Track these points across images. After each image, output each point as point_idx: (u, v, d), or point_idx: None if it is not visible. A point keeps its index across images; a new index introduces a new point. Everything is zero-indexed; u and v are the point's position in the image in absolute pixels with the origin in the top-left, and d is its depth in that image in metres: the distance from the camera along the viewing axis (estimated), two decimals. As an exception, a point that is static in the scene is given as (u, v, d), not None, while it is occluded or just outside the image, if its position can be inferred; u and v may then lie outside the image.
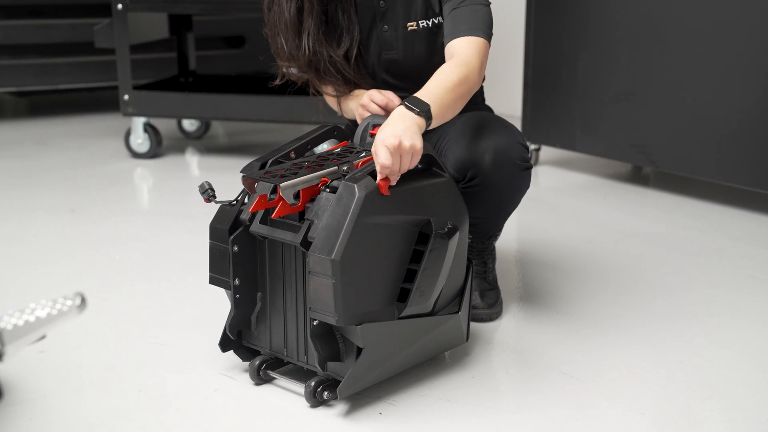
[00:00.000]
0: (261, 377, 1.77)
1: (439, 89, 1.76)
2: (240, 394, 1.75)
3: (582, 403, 1.74)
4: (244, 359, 1.83)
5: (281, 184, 1.59)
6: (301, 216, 1.65)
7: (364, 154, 1.75)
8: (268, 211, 1.69)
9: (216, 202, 1.72)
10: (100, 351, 1.94)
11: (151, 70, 4.32)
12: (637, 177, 3.46)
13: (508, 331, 2.07)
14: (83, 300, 0.99)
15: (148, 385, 1.79)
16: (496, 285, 2.17)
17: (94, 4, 4.31)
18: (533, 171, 3.50)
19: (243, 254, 1.72)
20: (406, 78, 2.02)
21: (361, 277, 1.61)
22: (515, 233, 2.78)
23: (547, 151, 3.70)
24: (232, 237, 1.70)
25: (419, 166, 1.75)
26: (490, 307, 2.10)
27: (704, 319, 2.14)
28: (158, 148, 3.66)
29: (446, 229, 1.73)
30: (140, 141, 3.63)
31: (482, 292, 2.12)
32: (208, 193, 1.71)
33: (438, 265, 1.72)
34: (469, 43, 1.87)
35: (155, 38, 3.90)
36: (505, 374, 1.88)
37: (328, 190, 1.64)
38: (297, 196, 1.63)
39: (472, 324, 2.07)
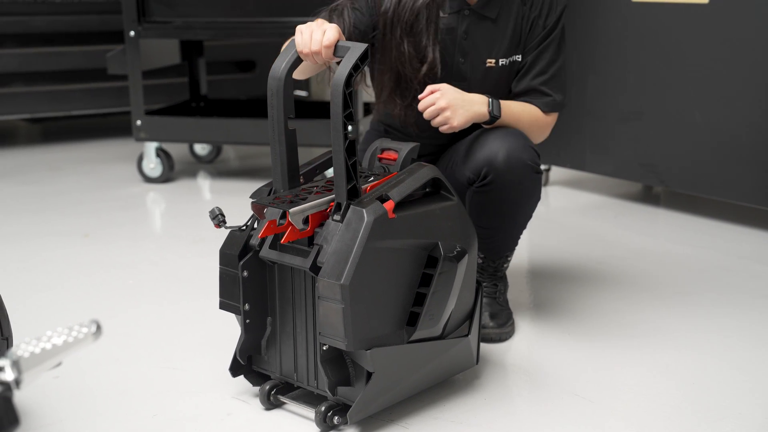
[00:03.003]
0: (271, 402, 1.78)
1: (517, 111, 1.95)
2: (251, 419, 1.75)
3: (595, 424, 1.74)
4: (254, 384, 1.83)
5: (290, 210, 1.60)
6: (311, 241, 1.65)
7: (372, 178, 1.76)
8: (277, 236, 1.70)
9: (226, 228, 1.73)
10: (114, 375, 1.95)
11: (163, 96, 4.36)
12: (648, 196, 3.46)
13: (519, 352, 2.07)
14: (99, 327, 1.00)
15: (162, 409, 1.79)
16: (507, 306, 2.17)
17: (106, 31, 4.36)
18: (544, 192, 3.51)
19: (253, 279, 1.73)
20: None
21: (371, 301, 1.61)
22: (526, 253, 2.78)
23: (557, 172, 3.70)
24: (241, 262, 1.71)
25: (428, 189, 1.76)
26: (501, 327, 2.10)
27: (717, 340, 2.13)
28: (170, 172, 3.68)
29: (455, 253, 1.73)
30: (152, 165, 3.66)
31: (493, 313, 2.12)
32: (218, 218, 1.72)
33: (447, 289, 1.72)
34: (550, 110, 2.08)
35: (167, 64, 3.94)
36: (517, 396, 1.88)
37: (336, 216, 1.64)
38: (306, 221, 1.63)
39: (484, 345, 2.08)
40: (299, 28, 1.70)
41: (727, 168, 2.94)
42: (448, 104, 1.87)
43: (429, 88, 1.91)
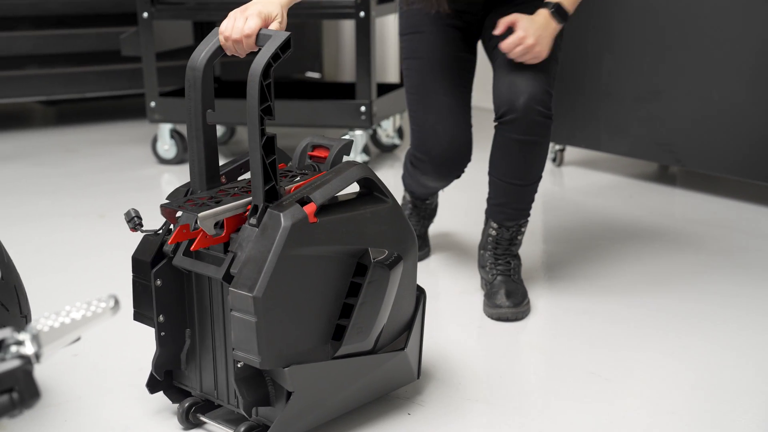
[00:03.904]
0: (190, 421, 1.64)
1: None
2: None
3: (611, 403, 1.74)
4: (173, 401, 1.69)
5: (199, 214, 1.45)
6: (227, 247, 1.52)
7: (299, 178, 1.61)
8: (192, 243, 1.54)
9: (141, 231, 1.57)
10: (132, 353, 1.96)
11: (176, 77, 4.36)
12: (664, 176, 3.44)
13: (535, 331, 2.07)
14: (117, 302, 1.01)
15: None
16: (521, 284, 2.17)
17: (120, 13, 4.36)
18: (558, 172, 3.49)
19: (167, 288, 1.59)
20: None
21: (289, 314, 1.47)
22: (541, 233, 2.77)
23: (572, 152, 3.69)
24: (154, 270, 1.57)
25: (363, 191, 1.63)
26: (517, 306, 2.10)
27: (734, 319, 2.13)
28: (184, 153, 3.69)
29: (389, 260, 1.59)
30: (167, 147, 3.67)
31: (508, 291, 2.12)
32: (134, 221, 1.57)
33: (378, 299, 1.57)
34: None
35: (180, 45, 3.94)
36: (533, 374, 1.88)
37: (252, 220, 1.49)
38: (220, 225, 1.50)
39: (500, 324, 2.08)
40: (231, 13, 1.60)
41: (744, 146, 2.92)
42: (536, 40, 1.94)
43: (504, 23, 1.97)
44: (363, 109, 3.36)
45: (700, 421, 1.67)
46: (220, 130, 4.07)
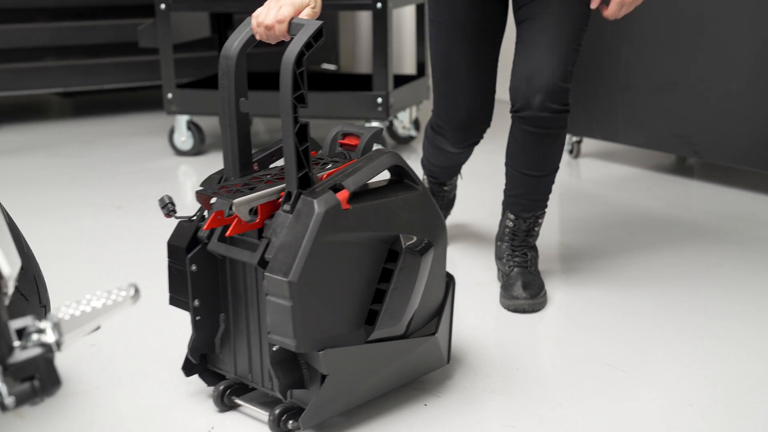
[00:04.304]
0: (225, 404, 1.67)
1: None
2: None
3: (628, 394, 1.73)
4: (208, 384, 1.72)
5: (234, 201, 1.48)
6: (261, 233, 1.54)
7: (330, 165, 1.64)
8: (226, 228, 1.58)
9: (176, 218, 1.61)
10: (148, 343, 1.97)
11: (193, 69, 4.37)
12: (682, 168, 3.42)
13: (552, 323, 2.07)
14: (137, 291, 1.01)
15: (195, 377, 1.81)
16: (539, 275, 2.17)
17: (137, 4, 4.37)
18: (576, 164, 3.48)
19: (202, 273, 1.61)
20: None
21: (323, 299, 1.50)
22: (558, 225, 2.77)
23: (589, 143, 3.67)
24: (189, 255, 1.59)
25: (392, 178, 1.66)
26: (534, 297, 2.10)
27: (751, 312, 2.11)
28: (201, 145, 3.70)
29: (420, 246, 1.61)
30: (184, 139, 3.68)
31: (525, 283, 2.11)
32: (167, 207, 1.59)
33: (410, 285, 1.59)
34: None
35: (197, 37, 3.94)
36: (549, 366, 1.87)
37: (286, 206, 1.52)
38: (254, 212, 1.53)
39: (516, 316, 2.07)
40: (266, 2, 1.63)
41: (762, 138, 2.90)
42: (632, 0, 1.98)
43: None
44: (379, 100, 3.36)
45: (715, 413, 1.66)
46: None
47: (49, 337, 0.97)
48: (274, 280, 1.46)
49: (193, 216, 1.64)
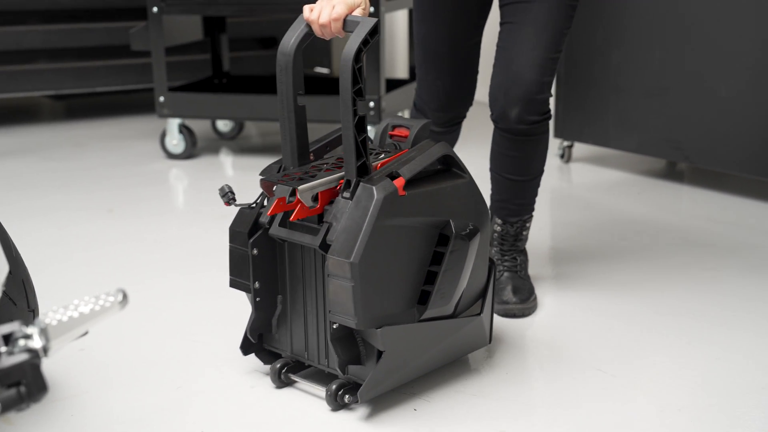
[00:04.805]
0: (282, 380, 1.77)
1: None
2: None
3: (618, 399, 1.74)
4: (265, 362, 1.82)
5: (299, 187, 1.58)
6: (321, 218, 1.64)
7: (383, 155, 1.74)
8: (287, 214, 1.68)
9: (236, 205, 1.72)
10: (138, 348, 1.97)
11: (185, 72, 4.37)
12: (672, 173, 3.43)
13: (542, 328, 2.07)
14: (125, 296, 1.01)
15: (186, 381, 1.81)
16: (528, 280, 2.17)
17: (129, 7, 4.37)
18: (567, 168, 3.49)
19: (263, 257, 1.72)
20: None
21: (381, 279, 1.60)
22: (549, 230, 2.77)
23: (580, 148, 3.68)
24: (251, 240, 1.70)
25: (439, 166, 1.75)
26: (524, 302, 2.10)
27: (740, 316, 2.12)
28: (193, 148, 3.70)
29: (467, 231, 1.71)
30: (175, 142, 3.67)
31: (515, 287, 2.12)
32: (228, 196, 1.70)
33: (459, 267, 1.70)
34: None
35: (189, 40, 3.94)
36: (539, 370, 1.88)
37: (346, 193, 1.62)
38: (315, 198, 1.62)
39: (506, 320, 2.08)
40: (308, 6, 1.70)
41: (752, 144, 2.91)
42: None
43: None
44: (372, 104, 3.36)
45: (706, 417, 1.66)
46: (228, 125, 4.08)
47: (36, 343, 0.97)
48: (337, 262, 1.56)
49: (252, 203, 1.73)
